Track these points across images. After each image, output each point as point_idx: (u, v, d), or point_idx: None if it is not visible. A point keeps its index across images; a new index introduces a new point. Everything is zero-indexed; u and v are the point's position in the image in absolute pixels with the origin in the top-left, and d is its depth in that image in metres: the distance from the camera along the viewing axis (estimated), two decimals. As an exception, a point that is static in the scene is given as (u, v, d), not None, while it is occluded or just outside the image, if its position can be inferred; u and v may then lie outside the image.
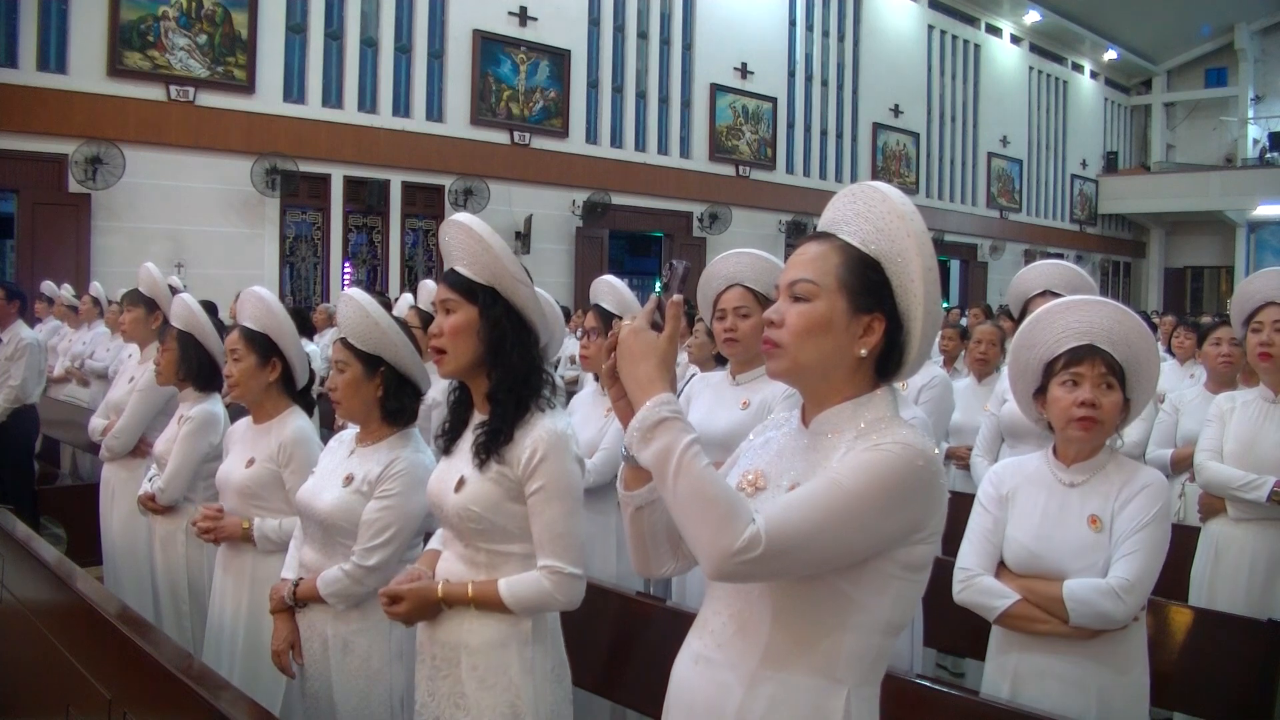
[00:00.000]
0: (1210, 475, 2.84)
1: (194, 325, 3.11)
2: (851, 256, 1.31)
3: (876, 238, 1.31)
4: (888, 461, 1.21)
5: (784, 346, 1.30)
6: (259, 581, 2.52)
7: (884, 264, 1.30)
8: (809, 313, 1.29)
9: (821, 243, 1.34)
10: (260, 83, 10.35)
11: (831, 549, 1.20)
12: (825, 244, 1.33)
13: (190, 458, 3.00)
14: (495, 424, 1.80)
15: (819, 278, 1.30)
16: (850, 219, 1.34)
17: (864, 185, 1.34)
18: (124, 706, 2.05)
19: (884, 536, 1.22)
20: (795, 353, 1.30)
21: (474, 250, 1.81)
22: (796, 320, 1.30)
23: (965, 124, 19.57)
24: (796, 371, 1.32)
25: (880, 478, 1.20)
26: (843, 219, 1.35)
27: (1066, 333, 1.94)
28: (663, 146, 14.22)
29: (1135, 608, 1.84)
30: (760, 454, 1.42)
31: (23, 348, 4.84)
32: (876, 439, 1.24)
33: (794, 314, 1.30)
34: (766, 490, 1.34)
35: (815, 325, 1.29)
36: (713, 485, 1.17)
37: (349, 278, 11.19)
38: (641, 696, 2.35)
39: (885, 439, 1.23)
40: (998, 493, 2.03)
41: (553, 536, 1.77)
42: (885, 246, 1.30)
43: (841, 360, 1.30)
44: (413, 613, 1.83)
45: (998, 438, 3.49)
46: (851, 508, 1.19)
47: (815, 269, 1.31)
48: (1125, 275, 24.28)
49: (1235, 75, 22.88)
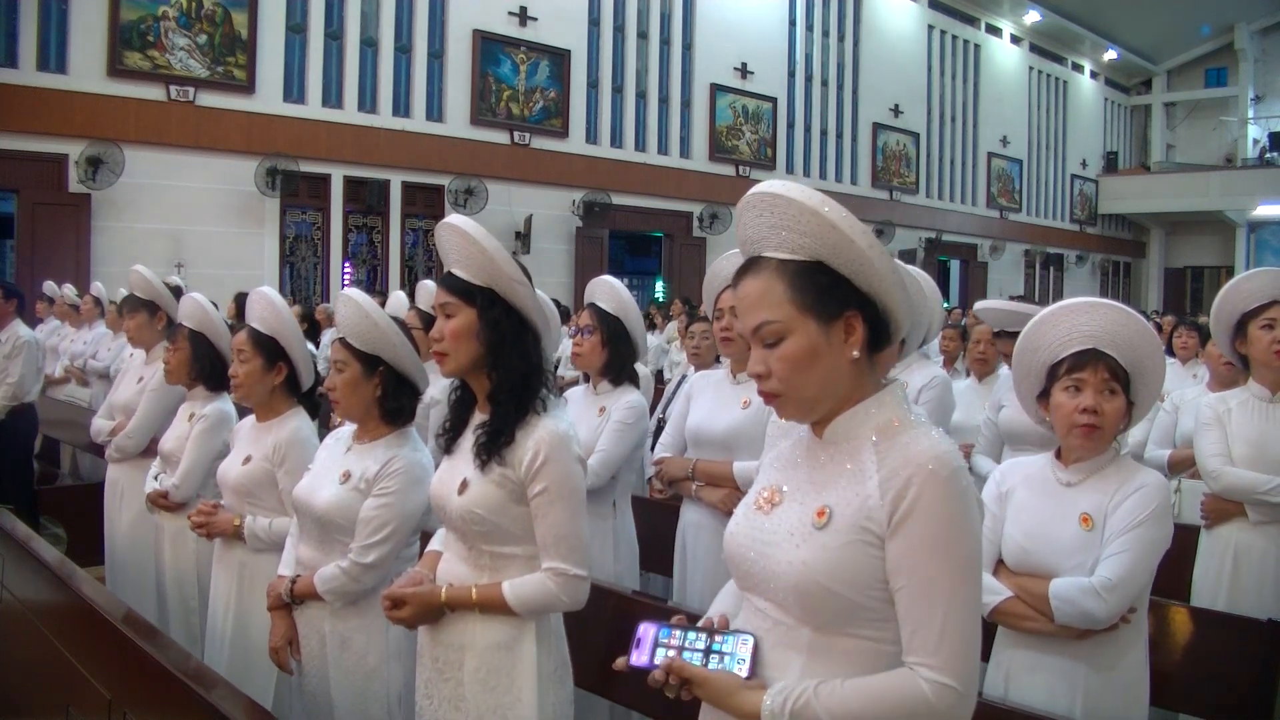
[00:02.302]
0: (1231, 481, 2.77)
1: (207, 325, 3.12)
2: (794, 273, 1.26)
3: (804, 241, 1.25)
4: (955, 512, 1.20)
5: (784, 395, 1.27)
6: (246, 578, 2.57)
7: (826, 261, 1.26)
8: (789, 352, 1.25)
9: (757, 274, 1.28)
10: (260, 83, 10.35)
11: (974, 614, 1.23)
12: (761, 274, 1.28)
13: (204, 456, 3.03)
14: (496, 425, 1.79)
15: (777, 314, 1.25)
16: (767, 234, 1.28)
17: (759, 195, 1.28)
18: (124, 707, 2.05)
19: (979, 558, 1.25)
20: (796, 393, 1.27)
21: (469, 252, 1.80)
22: (781, 366, 1.26)
23: (965, 124, 19.58)
24: (806, 407, 1.29)
25: (962, 531, 1.20)
26: (759, 236, 1.29)
27: (1070, 336, 1.93)
28: (663, 146, 14.23)
29: (1118, 607, 1.82)
30: (774, 467, 1.39)
31: (20, 345, 4.84)
32: (905, 474, 1.21)
33: (776, 360, 1.26)
34: (783, 505, 1.31)
35: (802, 360, 1.25)
36: (863, 701, 1.20)
37: (349, 278, 11.19)
38: (640, 696, 2.34)
39: (914, 474, 1.20)
40: (999, 491, 2.04)
41: (557, 538, 1.77)
42: (817, 246, 1.25)
43: (840, 374, 1.27)
44: (415, 617, 1.83)
45: (999, 441, 3.48)
46: (968, 578, 1.21)
47: (768, 306, 1.26)
48: (1125, 275, 24.28)
49: (1235, 75, 22.88)
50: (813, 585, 1.22)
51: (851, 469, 1.26)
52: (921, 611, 1.19)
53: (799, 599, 1.24)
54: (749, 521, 1.34)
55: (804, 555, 1.24)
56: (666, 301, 12.03)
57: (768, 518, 1.31)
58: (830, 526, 1.24)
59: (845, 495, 1.25)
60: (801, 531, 1.26)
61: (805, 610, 1.24)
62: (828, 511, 1.25)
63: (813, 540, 1.24)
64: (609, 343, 2.93)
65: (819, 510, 1.26)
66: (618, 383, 2.96)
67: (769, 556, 1.27)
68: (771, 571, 1.27)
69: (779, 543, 1.27)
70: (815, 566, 1.23)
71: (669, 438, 3.03)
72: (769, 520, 1.31)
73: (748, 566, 1.31)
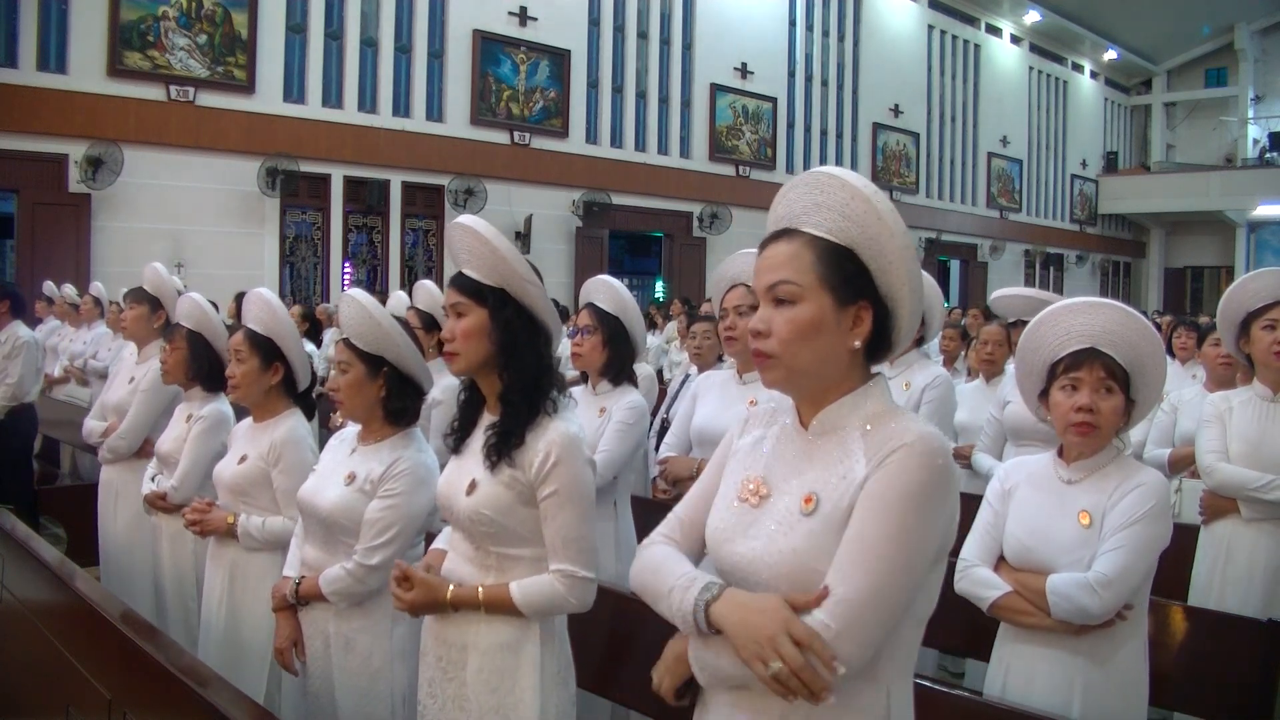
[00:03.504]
0: (1224, 477, 2.80)
1: (205, 325, 3.12)
2: (825, 250, 1.26)
3: (845, 225, 1.26)
4: (914, 480, 1.19)
5: (777, 356, 1.26)
6: (238, 576, 2.58)
7: (858, 251, 1.26)
8: (797, 317, 1.25)
9: (790, 240, 1.28)
10: (260, 83, 10.35)
11: (905, 594, 1.20)
12: (794, 241, 1.28)
13: (203, 457, 3.02)
14: (507, 426, 1.79)
15: (799, 277, 1.25)
16: (810, 210, 1.29)
17: (817, 174, 1.29)
18: (124, 706, 2.05)
19: (938, 547, 1.23)
20: (790, 360, 1.25)
21: (480, 253, 1.80)
22: (785, 327, 1.25)
23: (965, 124, 19.58)
24: (793, 379, 1.28)
25: (916, 502, 1.19)
26: (801, 211, 1.30)
27: (1069, 335, 1.95)
28: (663, 146, 14.23)
29: (1113, 603, 1.84)
30: (754, 457, 1.36)
31: (20, 346, 4.84)
32: (888, 447, 1.21)
33: (781, 320, 1.25)
34: (771, 498, 1.29)
35: (806, 328, 1.24)
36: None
37: (349, 278, 11.19)
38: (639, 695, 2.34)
39: (896, 447, 1.21)
40: (1002, 488, 2.06)
41: (566, 541, 1.77)
42: (856, 233, 1.26)
43: (837, 358, 1.27)
44: (417, 603, 1.82)
45: (1001, 438, 3.49)
46: (906, 550, 1.18)
47: (793, 269, 1.26)
48: (1125, 275, 24.28)
49: (1235, 75, 22.89)
50: (806, 571, 1.22)
51: (840, 456, 1.26)
52: (842, 562, 1.19)
53: (792, 587, 1.23)
54: (734, 515, 1.32)
55: (794, 543, 1.23)
56: (666, 301, 12.03)
57: (757, 511, 1.30)
58: (818, 512, 1.24)
59: (832, 481, 1.25)
60: (789, 520, 1.25)
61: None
62: (815, 498, 1.25)
63: (800, 527, 1.24)
64: (609, 343, 2.92)
65: (806, 497, 1.25)
66: (617, 383, 2.95)
67: (760, 549, 1.26)
68: (763, 563, 1.25)
69: (768, 535, 1.26)
70: (805, 552, 1.22)
71: (674, 437, 3.02)
72: (759, 514, 1.29)
73: (734, 560, 1.29)
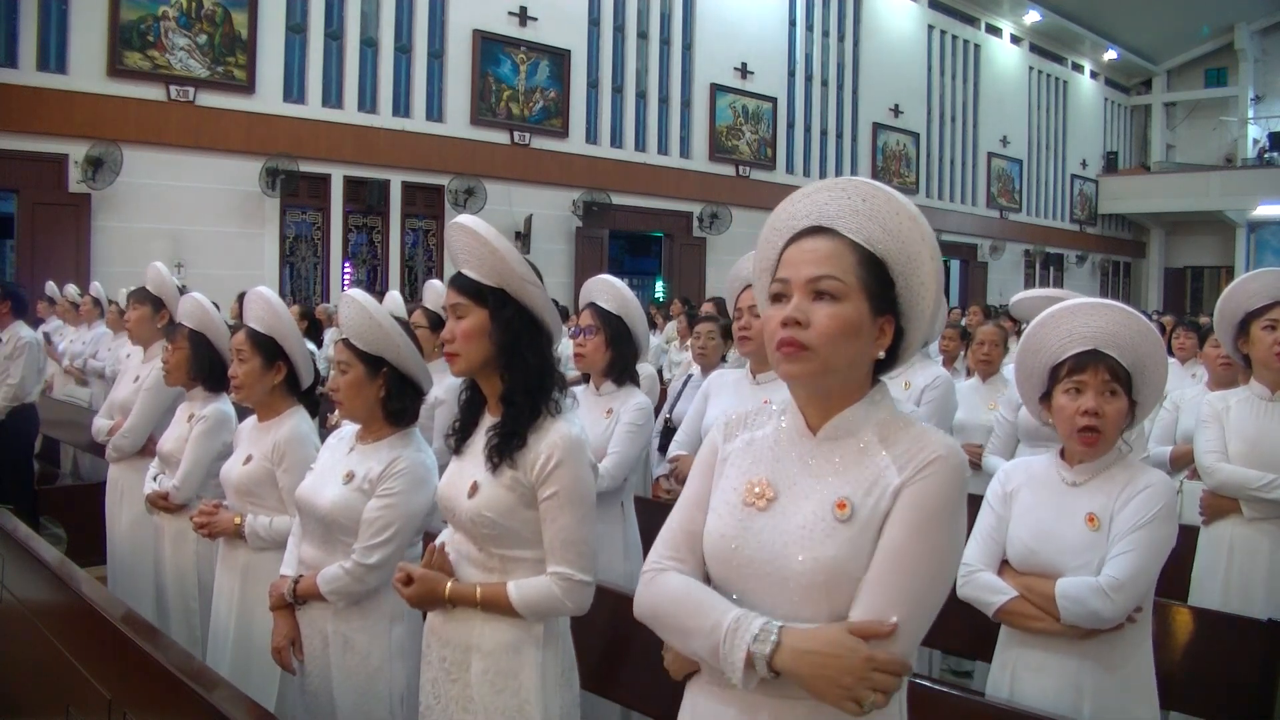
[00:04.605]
0: (1225, 477, 2.79)
1: (207, 325, 3.12)
2: (864, 255, 1.25)
3: (884, 238, 1.25)
4: (951, 494, 1.23)
5: (814, 349, 1.22)
6: (250, 578, 2.56)
7: (890, 265, 1.26)
8: (841, 315, 1.22)
9: (829, 239, 1.26)
10: (260, 83, 10.35)
11: (941, 601, 1.24)
12: (834, 240, 1.26)
13: (204, 457, 3.03)
14: (509, 427, 1.78)
15: (845, 276, 1.23)
16: (847, 215, 1.27)
17: (860, 183, 1.27)
18: (124, 707, 2.05)
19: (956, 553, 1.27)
20: (827, 356, 1.22)
21: (480, 253, 1.79)
22: (829, 323, 1.22)
23: (965, 124, 19.57)
24: (823, 376, 1.24)
25: (950, 513, 1.23)
26: (837, 214, 1.28)
27: (1071, 338, 1.93)
28: (663, 146, 14.23)
29: (1125, 607, 1.82)
30: (753, 459, 1.33)
31: (21, 346, 4.85)
32: (921, 458, 1.23)
33: (825, 315, 1.22)
34: (779, 500, 1.27)
35: (848, 328, 1.22)
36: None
37: (349, 278, 11.19)
38: (639, 696, 2.34)
39: (931, 459, 1.23)
40: (1004, 490, 2.04)
41: (564, 543, 1.76)
42: (894, 248, 1.25)
43: (863, 363, 1.27)
44: (417, 597, 1.82)
45: (1012, 440, 3.47)
46: (946, 563, 1.24)
47: (838, 266, 1.24)
48: (1125, 275, 24.28)
49: (1235, 75, 22.88)
50: (843, 577, 1.21)
51: (864, 463, 1.25)
52: (887, 577, 1.20)
53: (827, 595, 1.21)
54: (738, 518, 1.29)
55: (831, 551, 1.21)
56: (666, 301, 12.02)
57: (764, 514, 1.27)
58: (854, 519, 1.22)
59: (864, 487, 1.24)
60: (824, 526, 1.23)
61: (831, 603, 1.21)
62: (849, 505, 1.23)
63: (838, 534, 1.22)
64: (612, 343, 2.89)
65: (839, 503, 1.23)
66: (621, 383, 2.93)
67: (780, 555, 1.23)
68: (787, 569, 1.22)
69: (792, 541, 1.23)
70: (847, 560, 1.21)
71: (684, 436, 3.01)
72: (767, 516, 1.27)
73: (742, 566, 1.26)
